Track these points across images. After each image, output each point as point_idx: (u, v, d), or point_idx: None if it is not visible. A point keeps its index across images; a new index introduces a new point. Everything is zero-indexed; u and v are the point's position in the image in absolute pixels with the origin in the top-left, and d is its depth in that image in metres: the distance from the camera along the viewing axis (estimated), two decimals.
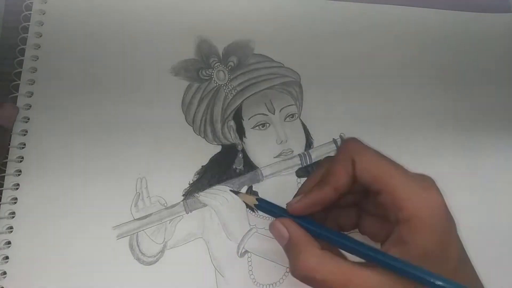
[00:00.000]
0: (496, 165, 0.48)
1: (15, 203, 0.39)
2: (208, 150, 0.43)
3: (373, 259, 0.27)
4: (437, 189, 0.28)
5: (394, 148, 0.47)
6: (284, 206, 0.44)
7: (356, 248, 0.28)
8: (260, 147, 0.44)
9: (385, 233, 0.29)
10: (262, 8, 0.49)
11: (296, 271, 0.28)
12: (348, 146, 0.30)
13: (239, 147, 0.44)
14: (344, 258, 0.28)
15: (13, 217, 0.39)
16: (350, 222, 0.33)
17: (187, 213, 0.41)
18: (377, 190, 0.28)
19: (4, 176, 0.39)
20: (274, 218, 0.31)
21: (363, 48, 0.50)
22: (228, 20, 0.48)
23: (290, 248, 0.29)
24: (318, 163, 0.34)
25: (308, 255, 0.27)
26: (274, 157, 0.44)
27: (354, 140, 0.31)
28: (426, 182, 0.28)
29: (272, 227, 0.31)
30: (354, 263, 0.27)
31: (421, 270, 0.25)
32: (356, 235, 0.31)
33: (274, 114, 0.45)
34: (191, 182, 0.42)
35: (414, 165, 0.46)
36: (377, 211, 0.32)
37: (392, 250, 0.27)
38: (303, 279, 0.27)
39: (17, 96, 0.42)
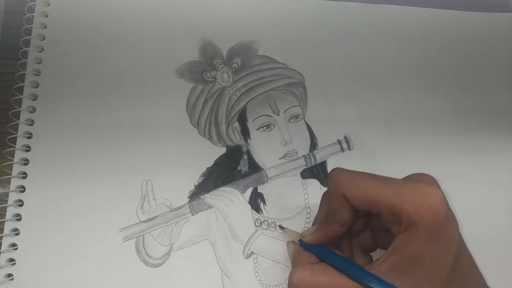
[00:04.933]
0: (500, 165, 0.48)
1: (21, 205, 0.39)
2: (213, 152, 0.44)
3: (351, 274, 0.29)
4: (434, 192, 0.27)
5: (398, 148, 0.47)
6: (288, 208, 0.44)
7: (342, 266, 0.30)
8: (265, 149, 0.44)
9: None
10: (265, 10, 0.49)
11: (288, 282, 0.31)
12: (334, 182, 0.31)
13: (244, 149, 0.44)
14: (340, 273, 0.29)
15: (19, 219, 0.39)
16: (370, 242, 0.35)
17: (193, 215, 0.41)
18: (376, 212, 0.29)
19: (10, 178, 0.39)
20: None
21: (367, 49, 0.50)
22: (232, 22, 0.48)
23: (291, 265, 0.34)
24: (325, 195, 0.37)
25: (299, 268, 0.30)
26: (279, 158, 0.44)
27: (337, 172, 0.31)
28: (422, 186, 0.28)
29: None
30: (343, 275, 0.29)
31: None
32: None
33: (278, 115, 0.45)
34: (196, 184, 0.42)
35: (418, 165, 0.47)
36: (385, 228, 0.32)
37: (386, 259, 0.28)
38: None
39: (21, 99, 0.42)
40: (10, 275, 0.37)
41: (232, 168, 0.43)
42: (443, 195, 0.27)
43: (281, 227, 0.39)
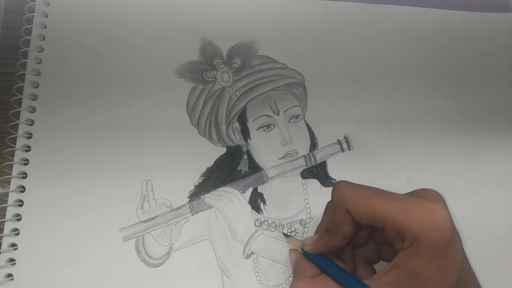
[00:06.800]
0: (500, 165, 0.48)
1: (21, 205, 0.39)
2: (213, 152, 0.44)
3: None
4: (439, 210, 0.27)
5: (398, 148, 0.47)
6: (288, 208, 0.44)
7: (341, 279, 0.31)
8: (265, 149, 0.44)
9: None
10: (266, 10, 0.49)
11: None
12: (338, 196, 0.31)
13: (244, 149, 0.44)
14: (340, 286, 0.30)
15: (19, 219, 0.39)
16: (374, 254, 0.35)
17: (193, 215, 0.41)
18: (380, 227, 0.29)
19: (10, 178, 0.39)
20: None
21: (367, 49, 0.50)
22: (232, 22, 0.48)
23: (292, 274, 0.35)
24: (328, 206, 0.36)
25: (299, 281, 0.31)
26: (279, 159, 0.44)
27: (341, 186, 0.31)
28: (427, 203, 0.28)
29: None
30: None
31: None
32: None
33: (278, 115, 0.45)
34: (197, 184, 0.42)
35: (418, 166, 0.47)
36: (388, 241, 0.32)
37: (387, 273, 0.28)
38: None
39: (21, 99, 0.42)
40: (10, 275, 0.37)
41: (232, 168, 0.43)
42: (448, 213, 0.27)
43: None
